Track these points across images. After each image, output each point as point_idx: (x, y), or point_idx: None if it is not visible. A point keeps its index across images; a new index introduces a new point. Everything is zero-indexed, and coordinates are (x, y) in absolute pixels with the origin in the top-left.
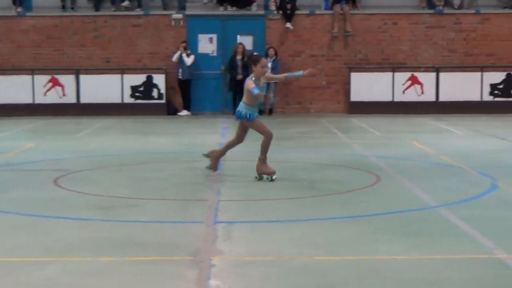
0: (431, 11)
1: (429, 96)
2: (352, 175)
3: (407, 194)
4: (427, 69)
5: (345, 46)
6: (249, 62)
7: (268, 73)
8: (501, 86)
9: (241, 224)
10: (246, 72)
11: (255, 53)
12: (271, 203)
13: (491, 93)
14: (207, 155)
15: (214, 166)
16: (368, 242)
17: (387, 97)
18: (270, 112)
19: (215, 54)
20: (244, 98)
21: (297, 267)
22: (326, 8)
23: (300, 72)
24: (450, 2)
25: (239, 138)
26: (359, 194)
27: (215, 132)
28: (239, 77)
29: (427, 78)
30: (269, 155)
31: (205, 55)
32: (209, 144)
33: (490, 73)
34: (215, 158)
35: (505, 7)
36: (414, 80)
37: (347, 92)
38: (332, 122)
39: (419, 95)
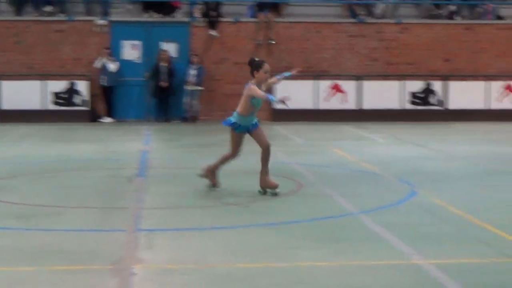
0: (353, 20)
1: (351, 104)
2: None
3: (328, 201)
4: (349, 77)
5: (269, 54)
6: (251, 67)
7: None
8: (421, 95)
9: (163, 232)
10: (171, 79)
11: (257, 58)
12: (194, 210)
13: (412, 102)
14: (274, 192)
15: (272, 185)
16: (289, 249)
17: (310, 105)
18: (194, 119)
19: (139, 61)
20: (239, 108)
21: (220, 275)
22: (250, 16)
23: (289, 73)
24: (372, 11)
25: (262, 145)
26: (281, 201)
27: (138, 139)
28: (163, 84)
29: (349, 86)
30: (192, 162)
31: (129, 62)
32: (131, 151)
33: (410, 82)
34: (265, 182)
35: (424, 17)
36: (337, 88)
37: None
38: None
39: (341, 103)
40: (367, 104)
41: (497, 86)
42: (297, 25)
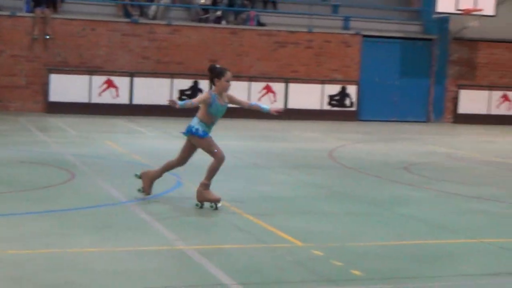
0: (127, 20)
1: (123, 99)
2: (48, 172)
3: (99, 190)
4: (122, 74)
5: (45, 49)
6: (211, 74)
7: (233, 94)
8: (188, 92)
9: None
10: None
11: (218, 65)
12: None
13: (180, 98)
14: (139, 176)
15: (147, 189)
16: (60, 235)
17: (84, 99)
18: None
19: None
20: (198, 113)
21: None
22: (27, 11)
23: (267, 108)
24: (145, 12)
25: (182, 160)
26: (53, 190)
27: None
28: None
29: (122, 82)
30: None
31: None
32: None
33: (179, 80)
34: (149, 179)
35: (193, 20)
36: (110, 84)
37: (46, 92)
38: (31, 121)
39: (114, 98)
40: (138, 99)
41: (257, 86)
42: (73, 22)
